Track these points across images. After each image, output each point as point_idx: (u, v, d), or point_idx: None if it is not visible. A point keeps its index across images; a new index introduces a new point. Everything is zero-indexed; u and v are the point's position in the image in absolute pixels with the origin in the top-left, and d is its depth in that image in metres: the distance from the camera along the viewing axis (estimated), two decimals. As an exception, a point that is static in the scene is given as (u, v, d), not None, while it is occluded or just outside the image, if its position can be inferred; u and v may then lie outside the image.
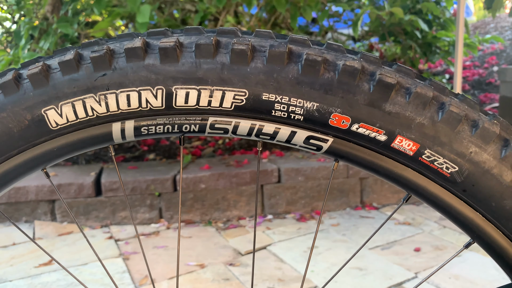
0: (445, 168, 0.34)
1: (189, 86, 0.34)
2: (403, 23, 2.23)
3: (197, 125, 0.36)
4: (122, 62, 0.34)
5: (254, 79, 0.33)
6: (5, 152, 0.37)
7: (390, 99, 0.33)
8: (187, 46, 0.34)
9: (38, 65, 0.35)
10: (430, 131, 0.33)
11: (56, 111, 0.35)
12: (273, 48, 0.33)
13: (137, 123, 0.36)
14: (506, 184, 0.33)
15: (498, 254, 0.36)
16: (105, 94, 0.35)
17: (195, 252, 2.08)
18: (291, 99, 0.33)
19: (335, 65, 0.33)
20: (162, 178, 2.36)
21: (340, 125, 0.34)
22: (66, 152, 0.38)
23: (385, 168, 0.36)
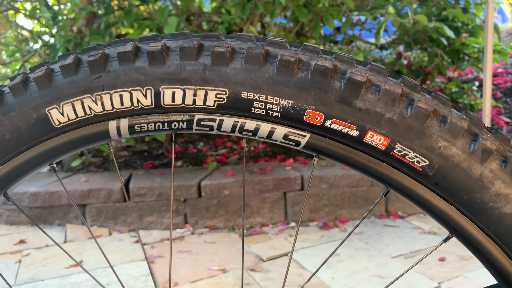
0: (416, 162, 0.35)
1: (175, 86, 0.37)
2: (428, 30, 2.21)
3: (185, 122, 0.39)
4: (115, 65, 0.38)
5: (234, 79, 0.36)
6: (15, 148, 0.41)
7: (361, 96, 0.35)
8: (173, 49, 0.37)
9: (43, 69, 0.39)
10: (399, 126, 0.34)
11: (58, 110, 0.39)
12: (251, 49, 0.36)
13: (130, 121, 0.39)
14: (475, 177, 0.34)
15: (475, 247, 0.37)
16: (100, 94, 0.38)
17: (217, 257, 2.11)
18: (268, 97, 0.36)
19: (308, 64, 0.35)
20: (188, 184, 2.41)
21: (314, 121, 0.36)
22: (69, 148, 0.41)
23: (361, 162, 0.37)
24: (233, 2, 2.21)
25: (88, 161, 3.08)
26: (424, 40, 2.44)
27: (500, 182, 0.34)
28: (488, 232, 0.35)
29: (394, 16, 1.98)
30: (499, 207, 0.34)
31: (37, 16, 3.33)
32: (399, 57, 3.28)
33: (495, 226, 0.35)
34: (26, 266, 2.09)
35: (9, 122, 0.40)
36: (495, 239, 0.35)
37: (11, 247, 2.36)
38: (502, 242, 0.35)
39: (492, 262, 0.37)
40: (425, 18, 2.00)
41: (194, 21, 2.97)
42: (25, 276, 2.05)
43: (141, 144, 3.48)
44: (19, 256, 2.26)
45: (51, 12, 2.53)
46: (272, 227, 2.42)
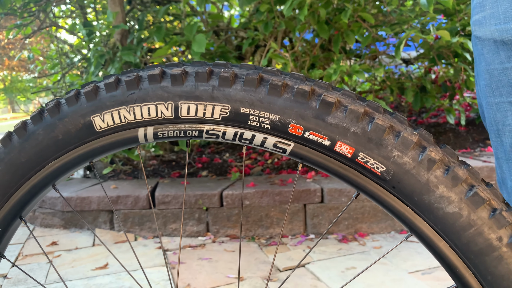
0: (376, 168, 0.44)
1: (190, 101, 0.47)
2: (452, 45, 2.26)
3: (197, 131, 0.49)
4: (146, 84, 0.49)
5: (235, 97, 0.46)
6: (65, 147, 0.52)
7: (332, 113, 0.44)
8: (190, 73, 0.48)
9: (91, 86, 0.50)
10: (362, 138, 0.44)
11: (100, 118, 0.50)
12: (248, 75, 0.46)
13: (155, 129, 0.50)
14: (423, 182, 0.42)
15: (429, 245, 0.45)
16: (133, 106, 0.49)
17: (236, 266, 2.19)
18: (261, 112, 0.46)
19: (292, 88, 0.45)
20: (210, 194, 2.52)
21: (296, 132, 0.46)
22: (106, 150, 0.53)
23: (334, 168, 0.46)
24: (257, 19, 2.34)
25: (119, 169, 3.24)
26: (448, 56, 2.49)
27: (443, 186, 0.42)
28: (437, 230, 0.44)
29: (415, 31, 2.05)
30: (443, 207, 0.42)
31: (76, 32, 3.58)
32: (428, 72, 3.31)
33: (441, 224, 0.43)
34: (56, 266, 2.25)
35: (63, 126, 0.51)
36: (443, 236, 0.43)
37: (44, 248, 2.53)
38: (448, 239, 0.43)
39: (444, 259, 0.45)
40: (447, 34, 2.06)
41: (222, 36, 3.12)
42: (55, 276, 2.20)
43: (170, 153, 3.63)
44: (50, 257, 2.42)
45: (87, 29, 2.73)
46: (291, 238, 2.50)
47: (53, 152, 0.52)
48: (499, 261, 0.42)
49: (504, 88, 0.67)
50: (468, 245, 0.42)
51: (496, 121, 0.69)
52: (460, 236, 0.43)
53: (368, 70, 2.17)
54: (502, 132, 0.68)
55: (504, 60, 0.65)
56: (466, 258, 0.43)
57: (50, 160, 0.53)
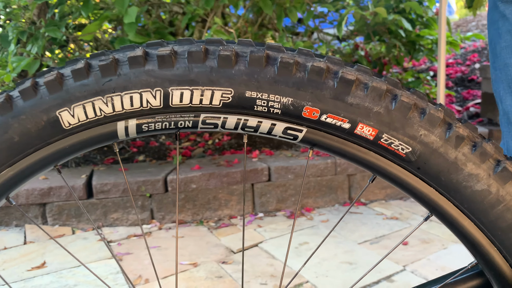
0: (401, 149, 0.40)
1: (183, 87, 0.40)
2: (387, 22, 2.32)
3: (191, 121, 0.42)
4: (126, 69, 0.40)
5: (239, 80, 0.40)
6: (23, 150, 0.42)
7: (351, 92, 0.39)
8: (181, 53, 0.40)
9: (53, 73, 0.41)
10: (386, 118, 0.39)
11: (69, 112, 0.41)
12: (253, 53, 0.39)
13: (138, 121, 0.42)
14: (451, 160, 0.40)
15: (452, 224, 0.43)
16: (111, 96, 0.40)
17: (187, 251, 2.13)
18: (270, 96, 0.40)
19: (305, 66, 0.40)
20: (153, 179, 2.41)
21: (311, 116, 0.40)
22: (77, 149, 0.43)
23: (351, 152, 0.42)
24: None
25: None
26: (383, 32, 2.56)
27: (472, 163, 0.40)
28: (462, 209, 0.41)
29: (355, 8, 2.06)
30: (472, 186, 0.40)
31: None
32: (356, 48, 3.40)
33: (468, 203, 0.41)
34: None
35: (19, 125, 0.41)
36: (468, 214, 0.41)
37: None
38: (474, 217, 0.41)
39: (467, 237, 0.43)
40: (384, 11, 2.10)
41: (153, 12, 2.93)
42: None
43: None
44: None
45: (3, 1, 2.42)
46: (241, 218, 2.47)
47: (5, 158, 0.42)
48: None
49: None
50: (496, 222, 0.41)
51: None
52: (488, 214, 0.41)
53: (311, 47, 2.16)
54: None
55: None
56: (492, 235, 0.41)
57: (2, 169, 0.43)
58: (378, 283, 1.66)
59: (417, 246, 1.97)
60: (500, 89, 0.74)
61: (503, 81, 0.73)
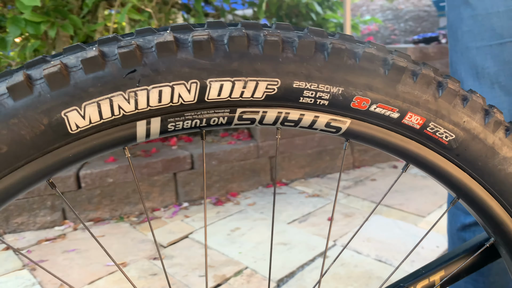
0: (444, 137, 0.40)
1: (224, 78, 0.34)
2: (300, 5, 2.36)
3: (226, 117, 0.37)
4: (153, 56, 0.33)
5: (287, 69, 0.35)
6: (11, 164, 0.33)
7: (402, 80, 0.37)
8: (219, 39, 0.34)
9: (55, 64, 0.32)
10: (433, 106, 0.38)
11: (78, 113, 0.33)
12: (302, 38, 0.35)
13: (164, 119, 0.35)
14: (489, 145, 0.40)
15: (479, 206, 0.44)
16: (135, 91, 0.33)
17: (112, 251, 1.99)
18: (320, 85, 0.36)
19: (354, 52, 0.37)
20: (64, 176, 2.18)
21: (360, 106, 0.37)
22: (79, 159, 0.35)
23: (393, 142, 0.40)
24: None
25: None
26: (296, 15, 2.61)
27: (506, 147, 0.41)
28: (492, 191, 0.42)
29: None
30: (505, 169, 0.41)
31: None
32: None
33: (500, 185, 0.42)
34: None
35: (8, 132, 0.32)
36: (497, 196, 0.43)
37: None
38: (502, 198, 0.43)
39: (493, 217, 0.44)
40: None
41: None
42: None
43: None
44: None
45: None
46: (164, 210, 2.37)
47: (-12, 174, 0.33)
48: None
49: (486, 32, 0.72)
50: None
51: (476, 65, 0.74)
52: (517, 194, 0.43)
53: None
54: (481, 75, 0.73)
55: (488, 6, 0.70)
56: (517, 213, 0.43)
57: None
58: (314, 260, 1.72)
59: (342, 220, 2.08)
60: (461, 71, 0.79)
61: (464, 63, 0.77)
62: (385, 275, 1.60)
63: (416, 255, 1.75)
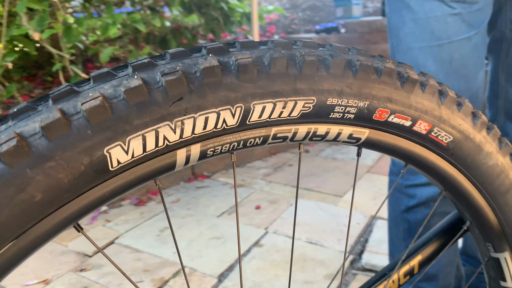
0: (444, 140, 0.44)
1: (267, 100, 0.33)
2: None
3: (261, 137, 0.36)
4: (199, 82, 0.31)
5: (322, 87, 0.35)
6: (44, 211, 0.29)
7: (414, 91, 0.40)
8: (260, 61, 0.33)
9: (95, 96, 0.28)
10: (437, 112, 0.42)
11: (122, 148, 0.29)
12: (334, 56, 0.36)
13: (203, 146, 0.33)
14: (477, 143, 0.46)
15: (463, 197, 0.50)
16: (182, 120, 0.31)
17: (29, 268, 1.81)
18: (349, 101, 0.37)
19: (375, 68, 0.39)
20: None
21: (380, 118, 0.40)
22: (113, 195, 0.32)
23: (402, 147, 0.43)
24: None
25: None
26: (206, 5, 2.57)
27: (488, 144, 0.47)
28: (475, 183, 0.48)
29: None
30: (487, 162, 0.47)
31: None
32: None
33: (482, 177, 0.48)
34: None
35: (44, 177, 0.28)
36: (478, 186, 0.49)
37: None
38: (482, 187, 0.49)
39: (473, 205, 0.50)
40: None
41: None
42: None
43: None
44: None
45: None
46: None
47: (16, 228, 0.28)
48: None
49: (426, 34, 0.79)
50: (499, 188, 0.49)
51: (418, 64, 0.80)
52: (493, 182, 0.49)
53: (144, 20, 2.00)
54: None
55: (428, 11, 0.76)
56: (492, 199, 0.50)
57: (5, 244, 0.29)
58: (250, 250, 1.76)
59: (268, 208, 2.15)
60: None
61: (407, 62, 0.85)
62: (318, 256, 1.70)
63: (341, 234, 1.88)
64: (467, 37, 0.81)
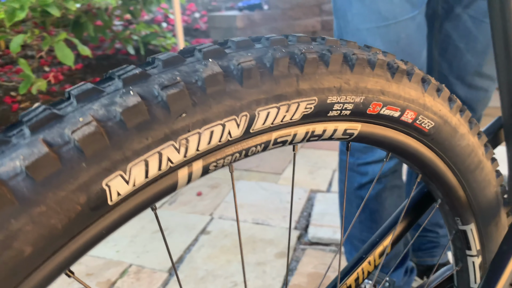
0: (427, 126, 0.44)
1: (271, 105, 0.30)
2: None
3: (262, 144, 0.33)
4: (202, 93, 0.27)
5: (322, 85, 0.33)
6: (35, 264, 0.24)
7: (402, 81, 0.40)
8: (261, 62, 0.30)
9: (89, 122, 0.23)
10: (422, 100, 0.42)
11: (123, 178, 0.25)
12: (332, 53, 0.33)
13: (205, 161, 0.29)
14: (453, 126, 0.47)
15: (439, 178, 0.51)
16: (186, 137, 0.27)
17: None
18: (347, 97, 0.35)
19: (371, 61, 0.37)
20: None
21: (373, 111, 0.38)
22: (110, 231, 0.27)
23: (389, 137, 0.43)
24: None
25: None
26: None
27: (462, 126, 0.48)
28: (449, 164, 0.50)
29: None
30: (460, 144, 0.48)
31: None
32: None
33: (455, 158, 0.49)
34: None
35: (34, 227, 0.22)
36: (452, 166, 0.50)
37: None
38: (455, 167, 0.50)
39: (446, 184, 0.52)
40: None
41: None
42: None
43: None
44: None
45: None
46: None
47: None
48: (481, 170, 0.53)
49: (373, 15, 0.78)
50: (469, 166, 0.51)
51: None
52: (465, 162, 0.50)
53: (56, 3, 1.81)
54: None
55: None
56: (462, 177, 0.52)
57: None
58: (197, 239, 1.73)
59: (210, 193, 2.12)
60: None
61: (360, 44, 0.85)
62: (267, 236, 1.72)
63: (285, 211, 1.91)
64: (411, 16, 0.83)
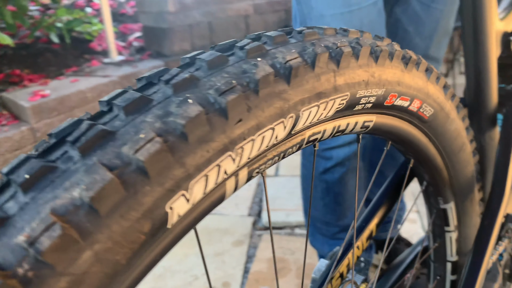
0: (427, 113, 0.45)
1: (313, 104, 0.28)
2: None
3: (297, 144, 0.31)
4: (255, 97, 0.24)
5: (354, 79, 0.32)
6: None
7: (413, 72, 0.40)
8: (304, 59, 0.28)
9: (151, 138, 0.20)
10: (425, 89, 0.42)
11: (185, 197, 0.22)
12: (362, 46, 0.32)
13: (250, 167, 0.27)
14: (446, 111, 0.48)
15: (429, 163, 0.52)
16: (242, 146, 0.24)
17: None
18: (372, 90, 0.34)
19: (391, 53, 0.36)
20: None
21: (390, 102, 0.38)
22: (161, 257, 0.24)
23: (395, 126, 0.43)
24: None
25: None
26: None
27: (453, 111, 0.49)
28: (438, 148, 0.51)
29: None
30: (451, 128, 0.50)
31: None
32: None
33: (445, 142, 0.51)
34: None
35: (99, 267, 0.19)
36: (440, 150, 0.52)
37: None
38: (444, 151, 0.52)
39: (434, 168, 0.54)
40: None
41: None
42: None
43: None
44: None
45: None
46: None
47: None
48: (463, 151, 0.56)
49: (338, 1, 0.78)
50: (455, 149, 0.53)
51: None
52: (452, 145, 0.53)
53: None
54: None
55: None
56: (448, 159, 0.54)
57: None
58: (150, 234, 1.67)
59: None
60: None
61: None
62: (222, 225, 1.70)
63: (236, 198, 1.91)
64: (373, 2, 0.84)
